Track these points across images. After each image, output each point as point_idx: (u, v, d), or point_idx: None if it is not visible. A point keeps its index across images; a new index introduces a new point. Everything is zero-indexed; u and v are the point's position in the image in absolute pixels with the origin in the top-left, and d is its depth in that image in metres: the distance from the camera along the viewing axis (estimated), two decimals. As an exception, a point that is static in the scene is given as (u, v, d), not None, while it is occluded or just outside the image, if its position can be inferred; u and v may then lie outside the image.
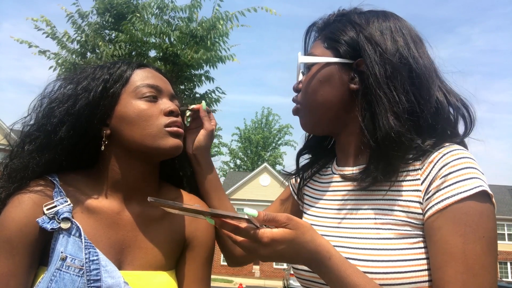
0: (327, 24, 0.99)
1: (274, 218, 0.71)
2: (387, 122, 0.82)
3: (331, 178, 1.00)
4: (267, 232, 0.69)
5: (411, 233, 0.78)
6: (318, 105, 0.92)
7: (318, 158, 1.07)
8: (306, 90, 0.95)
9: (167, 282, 0.94)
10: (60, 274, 0.81)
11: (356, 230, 0.84)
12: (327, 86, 0.91)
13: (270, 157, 41.24)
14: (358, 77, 0.89)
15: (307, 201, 1.04)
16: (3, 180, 0.91)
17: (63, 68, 6.98)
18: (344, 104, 0.91)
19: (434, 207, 0.76)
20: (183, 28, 7.05)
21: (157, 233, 0.97)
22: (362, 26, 0.90)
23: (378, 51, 0.86)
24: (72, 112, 0.91)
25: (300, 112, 0.97)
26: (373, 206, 0.85)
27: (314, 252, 0.74)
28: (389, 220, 0.81)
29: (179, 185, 1.09)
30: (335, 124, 0.94)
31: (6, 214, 0.86)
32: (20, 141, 0.94)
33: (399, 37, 0.90)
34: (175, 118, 0.95)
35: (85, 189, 0.93)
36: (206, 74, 7.31)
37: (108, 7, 7.13)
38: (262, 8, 6.98)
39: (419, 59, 0.88)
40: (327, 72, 0.91)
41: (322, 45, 0.95)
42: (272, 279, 27.85)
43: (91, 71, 0.97)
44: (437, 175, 0.78)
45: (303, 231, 0.73)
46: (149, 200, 0.72)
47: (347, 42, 0.91)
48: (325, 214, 0.94)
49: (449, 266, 0.72)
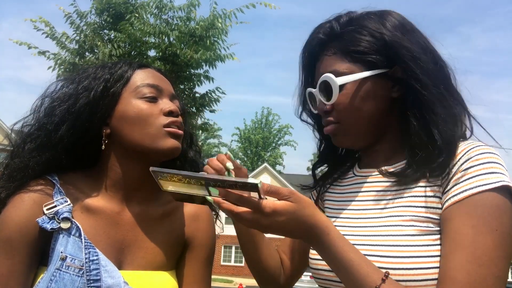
0: (334, 36, 0.93)
1: (277, 190, 0.72)
2: (448, 129, 0.82)
3: (352, 180, 0.99)
4: (269, 203, 0.70)
5: (433, 229, 0.78)
6: (364, 121, 0.90)
7: (335, 167, 1.06)
8: (347, 109, 0.90)
9: (167, 282, 0.94)
10: (60, 274, 0.81)
11: (379, 228, 0.84)
12: (370, 101, 0.89)
13: (270, 157, 41.26)
14: (397, 84, 0.88)
15: (328, 205, 1.03)
16: (4, 179, 0.91)
17: (62, 68, 6.98)
18: (386, 114, 0.91)
19: (451, 199, 0.76)
20: (182, 27, 7.05)
21: (157, 233, 0.97)
22: (382, 30, 0.88)
23: (414, 54, 0.85)
24: (73, 111, 0.91)
25: (340, 131, 0.93)
26: (397, 204, 0.84)
27: (313, 227, 0.74)
28: (411, 217, 0.80)
29: None
30: (375, 135, 0.93)
31: (6, 214, 0.86)
32: (21, 140, 0.94)
33: (418, 33, 0.89)
34: (175, 118, 0.95)
35: (85, 189, 0.93)
36: (206, 73, 7.32)
37: (107, 7, 7.13)
38: (261, 3, 6.98)
39: (440, 54, 0.89)
40: (366, 87, 0.88)
41: (345, 60, 0.90)
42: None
43: (93, 71, 0.98)
44: (458, 169, 0.78)
45: (304, 205, 0.73)
46: (150, 170, 0.72)
47: (376, 51, 0.88)
48: (348, 214, 0.94)
49: (456, 254, 0.72)
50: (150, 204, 0.98)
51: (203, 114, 7.65)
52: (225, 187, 0.70)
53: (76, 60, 6.98)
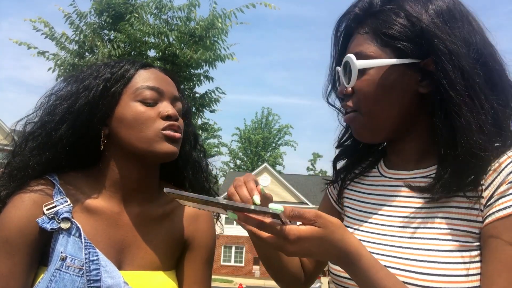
0: (371, 14, 0.83)
1: (301, 214, 0.65)
2: (471, 138, 0.72)
3: (379, 181, 0.91)
4: (293, 229, 0.64)
5: (473, 245, 0.72)
6: (383, 113, 0.81)
7: (357, 161, 0.98)
8: (366, 97, 0.81)
9: (167, 282, 0.93)
10: (60, 274, 0.81)
11: (413, 240, 0.77)
12: (392, 92, 0.79)
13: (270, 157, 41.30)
14: (427, 79, 0.78)
15: (349, 204, 0.96)
16: (4, 178, 0.91)
17: (61, 69, 6.97)
18: (411, 109, 0.81)
19: (495, 214, 0.70)
20: (181, 27, 7.05)
21: (157, 233, 0.97)
22: (421, 15, 0.77)
23: (451, 47, 0.74)
24: (72, 110, 0.91)
25: (358, 121, 0.84)
26: (432, 214, 0.77)
27: (343, 252, 0.69)
28: (450, 231, 0.74)
29: (181, 186, 1.08)
30: (397, 131, 0.84)
31: (6, 214, 0.85)
32: (23, 139, 0.94)
33: (468, 24, 0.78)
34: (172, 122, 0.93)
35: (85, 189, 0.93)
36: (206, 73, 7.32)
37: (106, 7, 7.12)
38: (261, 3, 6.97)
39: (495, 52, 0.78)
40: (391, 76, 0.79)
41: (374, 42, 0.81)
42: (272, 279, 27.82)
43: (95, 69, 0.97)
44: (503, 181, 0.70)
45: (332, 229, 0.67)
46: (165, 191, 0.69)
47: (409, 38, 0.77)
48: (375, 220, 0.86)
49: (500, 275, 0.66)
50: (150, 204, 0.98)
51: (203, 114, 7.65)
52: (243, 212, 0.66)
53: (75, 61, 6.97)
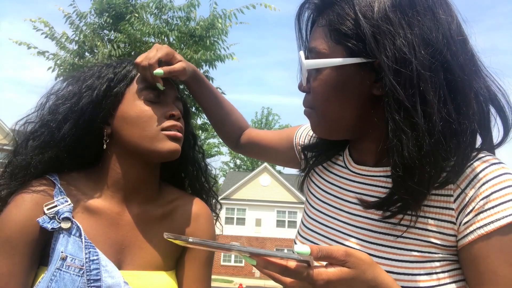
0: (328, 3, 0.75)
1: (330, 254, 0.59)
2: (411, 150, 0.67)
3: (344, 173, 0.88)
4: (322, 274, 0.58)
5: (435, 255, 0.70)
6: (334, 114, 0.77)
7: (324, 151, 0.95)
8: (318, 97, 0.77)
9: (167, 282, 0.94)
10: (60, 274, 0.81)
11: (373, 245, 0.75)
12: (344, 92, 0.74)
13: (269, 157, 41.14)
14: (380, 80, 0.70)
15: (313, 191, 0.94)
16: (5, 177, 0.91)
17: (61, 69, 6.98)
18: (366, 110, 0.75)
19: (476, 232, 0.67)
20: (181, 27, 7.06)
21: (157, 233, 0.97)
22: (368, 10, 0.69)
23: (400, 47, 0.67)
24: (76, 109, 0.91)
25: (313, 118, 0.82)
26: (396, 220, 0.74)
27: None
28: (412, 241, 0.72)
29: (180, 186, 1.09)
30: (353, 131, 0.80)
31: (7, 213, 0.86)
32: (24, 138, 0.94)
33: (433, 19, 0.69)
34: (175, 122, 0.94)
35: (86, 189, 0.93)
36: (206, 73, 7.32)
37: (106, 7, 7.13)
38: (261, 4, 6.97)
39: (459, 54, 0.69)
40: (343, 76, 0.73)
41: (328, 37, 0.74)
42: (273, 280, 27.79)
43: (97, 69, 0.98)
44: (476, 194, 0.68)
45: (364, 268, 0.61)
46: (165, 237, 0.61)
47: (358, 36, 0.70)
48: (335, 215, 0.85)
49: None
50: (150, 204, 0.98)
51: (203, 114, 7.65)
52: (262, 257, 0.59)
53: (75, 61, 6.98)
